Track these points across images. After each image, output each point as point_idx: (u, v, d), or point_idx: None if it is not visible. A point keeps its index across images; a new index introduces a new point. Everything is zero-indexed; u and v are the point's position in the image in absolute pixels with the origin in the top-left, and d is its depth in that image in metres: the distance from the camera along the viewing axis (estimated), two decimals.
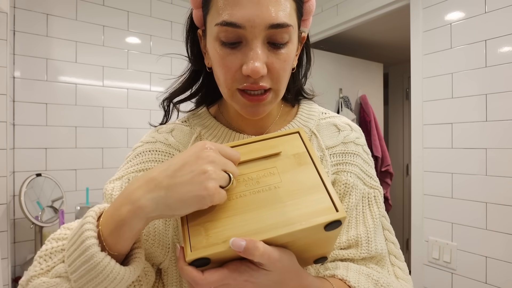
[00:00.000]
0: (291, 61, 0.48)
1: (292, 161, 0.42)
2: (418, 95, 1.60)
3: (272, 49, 0.45)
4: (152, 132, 0.59)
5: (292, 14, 0.45)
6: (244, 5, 0.41)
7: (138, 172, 0.53)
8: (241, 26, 0.42)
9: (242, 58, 0.44)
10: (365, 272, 0.50)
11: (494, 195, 1.32)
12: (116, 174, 0.54)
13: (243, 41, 0.44)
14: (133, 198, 0.36)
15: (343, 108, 2.56)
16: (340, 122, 0.60)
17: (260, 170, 0.41)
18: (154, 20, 2.12)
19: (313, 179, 0.40)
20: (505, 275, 1.28)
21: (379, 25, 2.50)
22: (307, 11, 0.51)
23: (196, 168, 0.35)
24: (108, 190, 0.51)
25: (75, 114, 1.84)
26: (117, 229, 0.37)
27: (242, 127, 0.57)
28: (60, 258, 0.39)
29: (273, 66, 0.45)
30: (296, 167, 0.41)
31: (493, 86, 1.33)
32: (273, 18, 0.42)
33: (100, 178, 1.91)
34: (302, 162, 0.42)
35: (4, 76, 1.39)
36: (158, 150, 0.55)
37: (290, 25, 0.44)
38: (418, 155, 1.59)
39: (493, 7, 1.33)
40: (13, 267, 1.63)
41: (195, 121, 0.59)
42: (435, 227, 1.53)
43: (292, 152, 0.43)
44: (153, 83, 2.11)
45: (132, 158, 0.55)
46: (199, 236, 0.36)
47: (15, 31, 1.67)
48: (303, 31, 0.53)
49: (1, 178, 1.39)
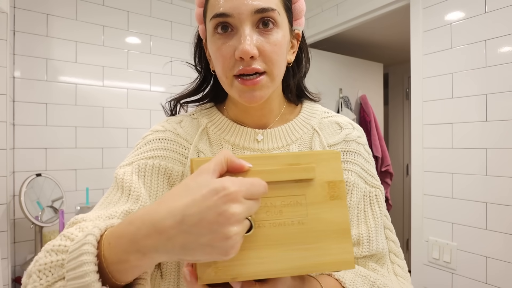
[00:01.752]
0: (282, 47, 0.51)
1: (324, 191, 0.36)
2: (418, 95, 1.60)
3: (261, 33, 0.49)
4: (162, 122, 0.60)
5: (277, 4, 0.50)
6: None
7: (148, 159, 0.53)
8: (229, 14, 0.47)
9: (234, 45, 0.48)
10: (362, 273, 0.50)
11: (494, 195, 1.32)
12: (126, 160, 0.54)
13: (234, 30, 0.49)
14: (142, 247, 0.32)
15: (343, 108, 2.56)
16: (342, 120, 0.62)
17: (286, 196, 0.35)
18: (154, 20, 2.12)
19: (342, 221, 0.36)
20: (505, 275, 1.28)
21: (379, 25, 2.50)
22: (297, 11, 0.56)
23: (217, 229, 0.30)
24: (119, 174, 0.51)
25: (75, 114, 1.84)
26: (123, 268, 0.34)
27: (246, 123, 0.59)
28: (60, 274, 0.37)
29: (264, 49, 0.48)
30: (327, 201, 0.36)
31: (493, 86, 1.33)
32: (257, 4, 0.47)
33: (100, 178, 1.91)
34: (336, 196, 0.36)
35: (4, 76, 1.39)
36: (167, 138, 0.56)
37: (274, 9, 0.48)
38: (418, 155, 1.59)
39: (493, 7, 1.33)
40: (13, 267, 1.63)
41: (202, 115, 0.61)
42: (435, 227, 1.53)
43: (327, 179, 0.37)
44: (153, 83, 2.11)
45: (142, 145, 0.55)
46: (208, 268, 0.33)
47: (15, 31, 1.67)
48: (296, 29, 0.57)
49: (1, 178, 1.39)
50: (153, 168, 0.52)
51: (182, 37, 2.22)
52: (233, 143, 0.56)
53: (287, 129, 0.59)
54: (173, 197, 0.32)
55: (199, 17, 0.56)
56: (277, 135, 0.58)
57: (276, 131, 0.58)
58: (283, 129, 0.58)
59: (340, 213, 0.36)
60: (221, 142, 0.57)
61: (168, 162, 0.53)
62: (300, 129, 0.59)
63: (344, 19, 2.06)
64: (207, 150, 0.56)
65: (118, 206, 0.47)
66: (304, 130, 0.59)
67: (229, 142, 0.57)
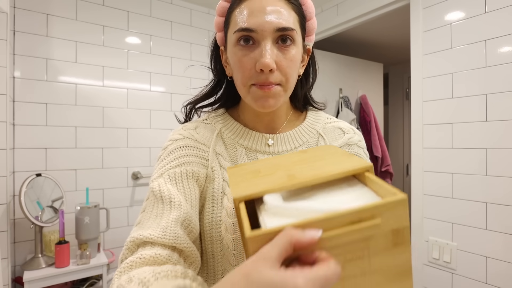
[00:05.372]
0: (297, 62, 0.57)
1: (388, 239, 0.33)
2: (418, 95, 1.60)
3: (280, 49, 0.54)
4: (178, 130, 0.63)
5: (295, 23, 0.55)
6: (256, 15, 0.53)
7: (175, 167, 0.57)
8: (253, 30, 0.53)
9: (255, 58, 0.53)
10: None
11: (494, 195, 1.32)
12: (155, 173, 0.57)
13: (256, 43, 0.54)
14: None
15: (343, 108, 2.55)
16: (344, 125, 0.68)
17: (347, 252, 0.33)
18: (154, 20, 2.12)
19: (404, 264, 0.34)
20: (505, 275, 1.28)
21: (379, 25, 2.50)
22: (309, 29, 0.62)
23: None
24: (155, 187, 0.54)
25: (75, 114, 1.85)
26: None
27: (257, 127, 0.65)
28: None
29: (281, 64, 0.54)
30: (390, 248, 0.34)
31: (493, 86, 1.33)
32: (279, 23, 0.53)
33: (100, 178, 1.91)
34: (399, 242, 0.34)
35: (4, 76, 1.39)
36: (187, 145, 0.60)
37: (293, 29, 0.54)
38: (418, 155, 1.59)
39: (493, 7, 1.33)
40: (13, 267, 1.63)
41: (215, 120, 0.65)
42: (435, 227, 1.53)
43: (391, 227, 0.33)
44: (153, 83, 2.11)
45: (166, 156, 0.59)
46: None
47: (15, 31, 1.67)
48: (307, 45, 0.63)
49: (1, 178, 1.39)
50: (182, 174, 0.56)
51: (182, 37, 2.22)
52: (246, 146, 0.62)
53: (295, 134, 0.65)
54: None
55: (218, 26, 0.61)
56: (286, 139, 0.64)
57: (284, 135, 0.64)
58: (291, 134, 0.64)
59: (403, 257, 0.34)
60: (235, 146, 0.62)
61: (193, 166, 0.58)
62: (306, 134, 0.65)
63: (344, 19, 2.06)
64: (224, 153, 0.61)
65: (166, 217, 0.50)
66: (310, 135, 0.65)
67: (242, 145, 0.62)
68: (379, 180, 0.38)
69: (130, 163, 2.02)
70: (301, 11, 0.59)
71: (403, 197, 0.33)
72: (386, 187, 0.36)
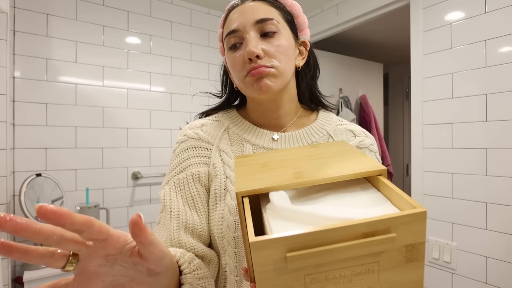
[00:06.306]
0: (287, 50, 0.58)
1: (401, 255, 0.31)
2: (418, 95, 1.60)
3: (265, 40, 0.57)
4: (184, 130, 0.66)
5: (275, 16, 0.58)
6: (236, 18, 0.58)
7: (180, 173, 0.61)
8: (236, 30, 0.57)
9: (244, 53, 0.56)
10: None
11: (494, 195, 1.32)
12: (165, 179, 0.62)
13: (243, 43, 0.57)
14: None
15: (343, 108, 2.56)
16: (356, 128, 0.67)
17: (357, 265, 0.31)
18: (154, 20, 2.12)
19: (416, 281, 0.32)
20: (505, 275, 1.28)
21: (379, 25, 2.50)
22: (300, 24, 0.64)
23: None
24: (161, 196, 0.60)
25: (75, 114, 1.85)
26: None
27: (264, 125, 0.66)
28: None
29: (268, 50, 0.56)
30: (402, 265, 0.31)
31: (493, 86, 1.33)
32: (257, 15, 0.57)
33: (100, 178, 1.91)
34: (413, 258, 0.31)
35: (4, 76, 1.39)
36: (190, 146, 0.63)
37: (272, 18, 0.57)
38: (418, 155, 1.59)
39: (493, 7, 1.33)
40: (13, 267, 1.63)
41: (224, 117, 0.67)
42: (435, 227, 1.53)
43: (406, 243, 0.31)
44: (153, 83, 2.11)
45: (173, 159, 0.63)
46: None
47: (15, 31, 1.67)
48: (302, 38, 0.65)
49: (1, 178, 1.39)
50: (187, 179, 0.60)
51: (182, 37, 2.22)
52: (254, 143, 0.63)
53: (303, 133, 0.65)
54: None
55: (220, 36, 0.66)
56: (293, 138, 0.64)
57: (293, 134, 0.64)
58: (300, 133, 0.64)
59: (415, 273, 0.32)
60: (242, 142, 0.63)
61: (194, 168, 0.61)
62: (316, 133, 0.65)
63: (344, 19, 2.06)
64: (228, 149, 0.62)
65: (168, 226, 0.56)
66: (319, 135, 0.65)
67: (249, 142, 0.63)
68: (393, 186, 0.35)
69: (130, 163, 2.02)
70: (283, 8, 0.61)
71: (423, 211, 0.30)
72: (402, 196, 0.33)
